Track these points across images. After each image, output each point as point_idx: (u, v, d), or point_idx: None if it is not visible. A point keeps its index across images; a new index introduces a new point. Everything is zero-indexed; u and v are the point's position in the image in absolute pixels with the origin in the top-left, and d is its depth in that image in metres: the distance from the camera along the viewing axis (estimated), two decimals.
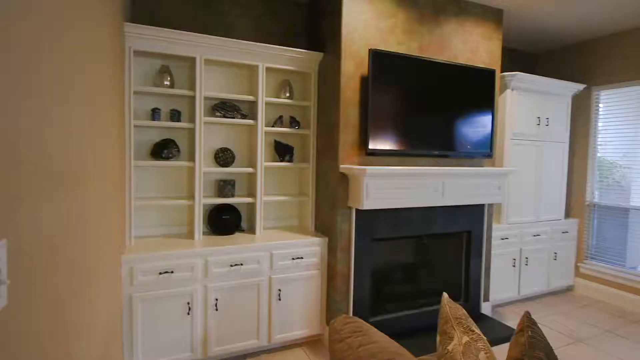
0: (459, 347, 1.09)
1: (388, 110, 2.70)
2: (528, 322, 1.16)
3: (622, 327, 3.21)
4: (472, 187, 2.95)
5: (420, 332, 2.92)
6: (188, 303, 2.35)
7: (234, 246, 2.48)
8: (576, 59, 4.12)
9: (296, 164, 2.99)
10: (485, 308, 3.34)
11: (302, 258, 2.70)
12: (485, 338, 1.16)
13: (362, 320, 1.31)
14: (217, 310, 2.44)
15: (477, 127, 3.05)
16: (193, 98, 2.62)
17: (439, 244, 3.21)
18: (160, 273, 2.29)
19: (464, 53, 3.09)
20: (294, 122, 3.01)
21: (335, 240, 2.71)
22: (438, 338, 1.22)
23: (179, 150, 2.66)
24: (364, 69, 2.69)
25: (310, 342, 2.83)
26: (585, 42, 4.02)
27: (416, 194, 2.71)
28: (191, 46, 2.52)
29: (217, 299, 2.44)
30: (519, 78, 3.41)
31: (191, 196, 2.74)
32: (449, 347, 1.11)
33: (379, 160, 2.80)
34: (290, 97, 2.98)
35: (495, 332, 2.90)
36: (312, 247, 2.74)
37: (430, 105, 2.86)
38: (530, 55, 4.49)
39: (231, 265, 2.47)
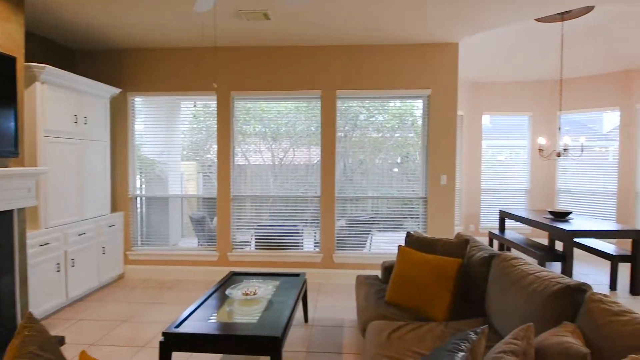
0: None
1: None
2: (26, 322, 1.13)
3: (161, 295, 3.91)
4: None
5: None
6: None
7: None
8: (115, 64, 4.43)
9: None
10: None
11: None
12: None
13: None
14: None
15: None
16: None
17: None
18: None
19: None
20: None
21: None
22: None
23: None
24: None
25: None
26: (126, 49, 4.41)
27: None
28: None
29: None
30: (51, 72, 3.20)
31: None
32: None
33: None
34: None
35: None
36: None
37: None
38: (69, 50, 4.35)
39: None
